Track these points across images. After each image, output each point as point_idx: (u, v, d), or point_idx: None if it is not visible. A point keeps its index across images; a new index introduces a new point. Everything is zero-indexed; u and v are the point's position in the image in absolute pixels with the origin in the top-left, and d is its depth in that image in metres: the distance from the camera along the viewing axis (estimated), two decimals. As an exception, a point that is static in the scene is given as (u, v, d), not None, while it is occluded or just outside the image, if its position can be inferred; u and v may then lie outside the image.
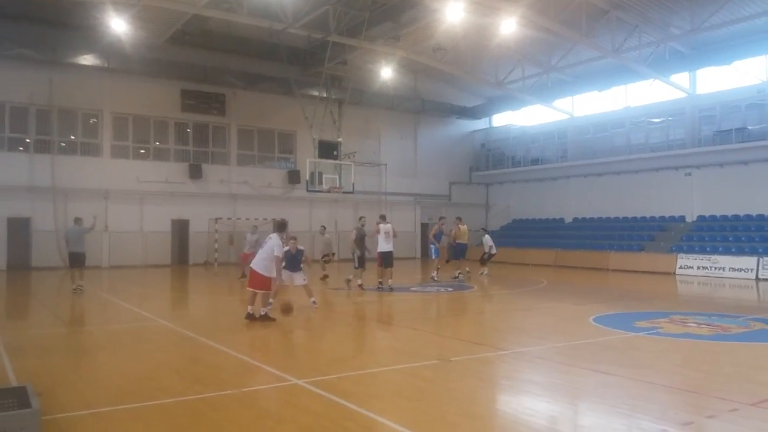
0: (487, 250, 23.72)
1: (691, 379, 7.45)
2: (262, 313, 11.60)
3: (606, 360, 8.55)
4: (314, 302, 13.32)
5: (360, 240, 17.50)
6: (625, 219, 31.56)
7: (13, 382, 6.97)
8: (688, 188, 29.36)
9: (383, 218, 18.01)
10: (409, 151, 37.45)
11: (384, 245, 17.12)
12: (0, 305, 14.16)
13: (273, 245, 11.51)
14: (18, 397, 3.78)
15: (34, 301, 16.64)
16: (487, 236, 24.15)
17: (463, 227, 22.17)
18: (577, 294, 17.58)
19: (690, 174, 29.24)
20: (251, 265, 11.72)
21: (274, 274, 11.51)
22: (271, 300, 12.13)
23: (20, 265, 26.67)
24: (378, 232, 17.15)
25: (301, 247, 13.28)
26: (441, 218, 22.38)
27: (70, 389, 6.89)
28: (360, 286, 17.49)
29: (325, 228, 23.35)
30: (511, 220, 38.35)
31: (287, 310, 11.41)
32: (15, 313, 14.17)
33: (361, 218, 18.87)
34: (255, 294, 11.59)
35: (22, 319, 13.24)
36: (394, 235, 17.55)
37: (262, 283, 11.52)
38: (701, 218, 28.90)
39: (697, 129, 29.40)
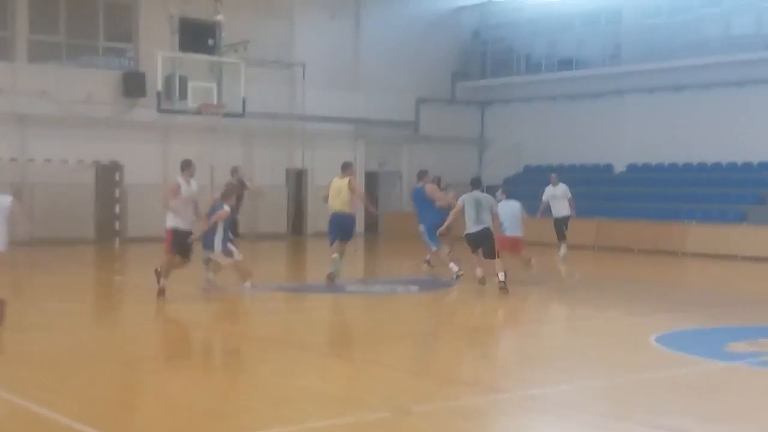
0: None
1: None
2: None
3: (677, 409, 7.15)
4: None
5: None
6: (717, 167, 25.53)
7: None
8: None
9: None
10: (347, 42, 29.08)
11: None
12: None
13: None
14: None
15: None
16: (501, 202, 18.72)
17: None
18: (631, 295, 15.24)
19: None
20: None
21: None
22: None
23: None
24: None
25: None
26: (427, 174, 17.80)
27: None
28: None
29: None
30: (521, 168, 30.39)
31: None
32: None
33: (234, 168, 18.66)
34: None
35: None
36: None
37: None
38: None
39: None
